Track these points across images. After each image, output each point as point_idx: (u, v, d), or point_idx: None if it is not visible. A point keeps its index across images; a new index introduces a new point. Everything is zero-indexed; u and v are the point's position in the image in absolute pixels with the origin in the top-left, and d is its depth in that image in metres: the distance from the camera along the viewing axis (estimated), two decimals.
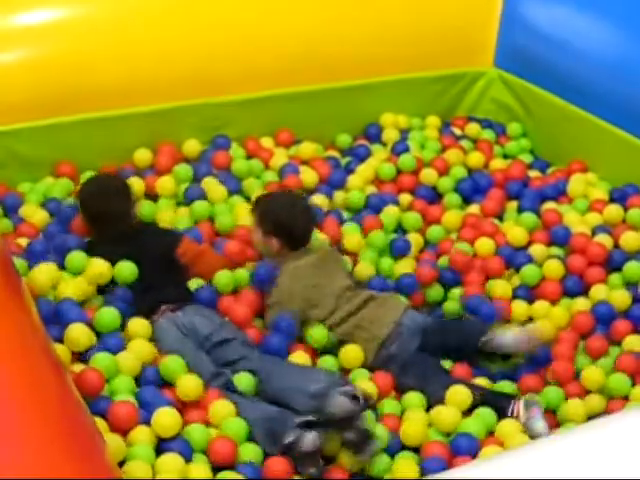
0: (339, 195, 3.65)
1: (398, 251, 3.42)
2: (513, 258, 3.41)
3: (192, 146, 3.77)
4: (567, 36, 3.91)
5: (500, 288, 3.30)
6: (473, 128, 4.13)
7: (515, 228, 3.52)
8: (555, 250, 3.45)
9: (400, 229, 3.57)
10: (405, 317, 3.09)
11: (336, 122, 4.00)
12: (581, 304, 3.25)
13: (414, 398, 2.90)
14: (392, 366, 3.01)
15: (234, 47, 3.77)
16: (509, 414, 2.84)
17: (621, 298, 3.23)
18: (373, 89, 4.03)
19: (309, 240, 3.18)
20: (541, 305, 3.25)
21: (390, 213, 3.58)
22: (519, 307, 3.25)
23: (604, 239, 3.44)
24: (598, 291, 3.28)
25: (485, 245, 3.45)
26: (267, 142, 3.87)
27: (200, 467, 2.55)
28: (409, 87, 4.09)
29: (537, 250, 3.43)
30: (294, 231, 3.14)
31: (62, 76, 3.53)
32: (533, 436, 2.76)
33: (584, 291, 3.31)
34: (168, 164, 3.66)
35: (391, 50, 4.02)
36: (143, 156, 3.70)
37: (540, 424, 2.79)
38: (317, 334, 3.02)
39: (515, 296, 3.30)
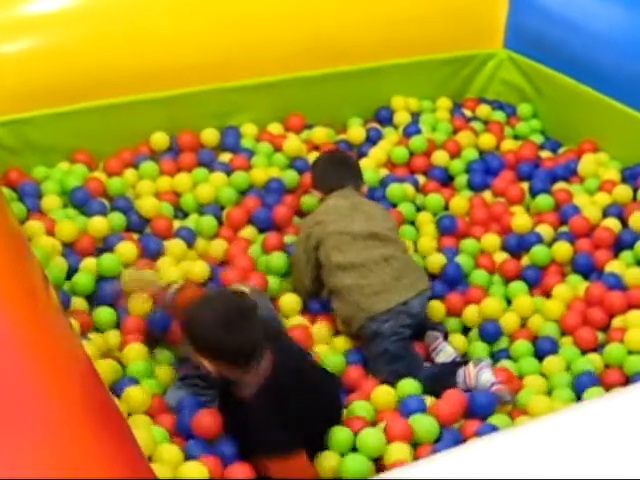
0: None
1: (445, 229, 3.44)
2: (523, 239, 3.42)
3: (211, 135, 3.77)
4: (577, 16, 3.91)
5: None
6: (484, 110, 4.14)
7: (521, 217, 3.50)
8: (565, 230, 3.46)
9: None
10: (417, 301, 2.99)
11: (347, 106, 4.01)
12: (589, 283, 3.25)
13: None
14: (374, 345, 2.91)
15: (245, 32, 3.77)
16: (461, 379, 2.82)
17: (634, 275, 3.23)
18: (383, 72, 4.03)
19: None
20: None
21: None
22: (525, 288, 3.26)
23: (613, 221, 3.44)
24: (610, 268, 3.28)
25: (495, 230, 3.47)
26: (277, 127, 3.88)
27: None
28: (419, 70, 4.10)
29: (546, 230, 3.45)
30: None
31: (76, 63, 3.54)
32: (480, 386, 2.78)
33: (593, 271, 3.32)
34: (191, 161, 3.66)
35: (401, 33, 4.02)
36: (160, 139, 3.71)
37: (487, 374, 2.79)
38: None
39: (524, 277, 3.31)
